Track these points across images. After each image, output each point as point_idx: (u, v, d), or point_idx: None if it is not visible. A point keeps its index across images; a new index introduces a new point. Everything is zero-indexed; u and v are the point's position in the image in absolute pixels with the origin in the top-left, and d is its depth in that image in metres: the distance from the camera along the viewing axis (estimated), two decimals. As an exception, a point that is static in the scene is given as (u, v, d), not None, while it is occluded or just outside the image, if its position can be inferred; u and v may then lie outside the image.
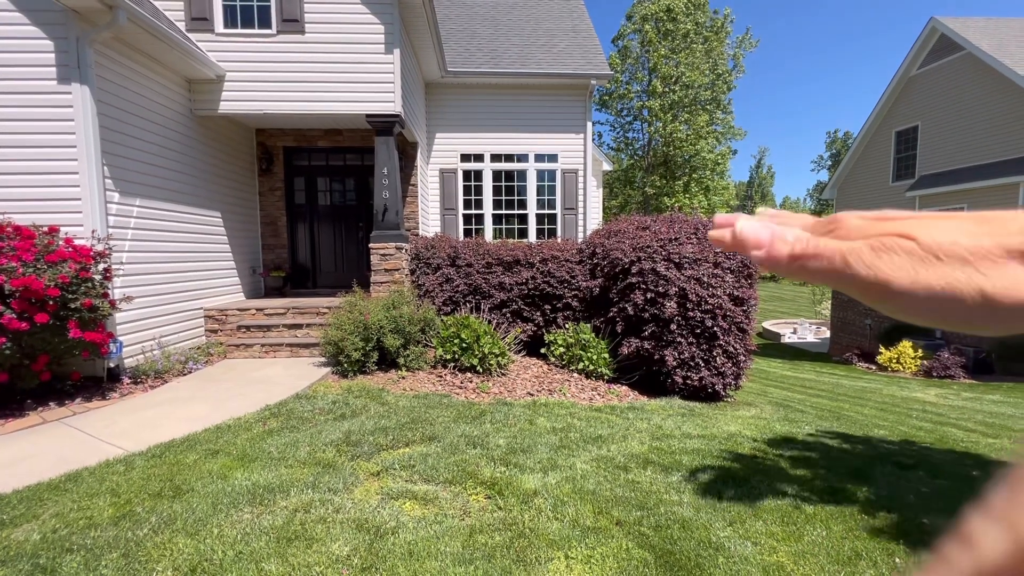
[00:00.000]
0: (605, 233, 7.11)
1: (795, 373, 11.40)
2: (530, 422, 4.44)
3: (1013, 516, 0.13)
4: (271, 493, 2.92)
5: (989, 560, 0.13)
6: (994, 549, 0.13)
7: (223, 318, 6.69)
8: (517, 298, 7.05)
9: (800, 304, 31.41)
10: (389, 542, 2.49)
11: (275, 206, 8.85)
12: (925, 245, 0.22)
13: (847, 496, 3.24)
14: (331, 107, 6.81)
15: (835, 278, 0.25)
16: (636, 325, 6.10)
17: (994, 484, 0.14)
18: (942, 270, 0.22)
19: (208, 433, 3.87)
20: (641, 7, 26.78)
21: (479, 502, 2.97)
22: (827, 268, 0.25)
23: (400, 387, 5.41)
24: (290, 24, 6.63)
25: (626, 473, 3.44)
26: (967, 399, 8.40)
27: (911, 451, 4.42)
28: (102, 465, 3.28)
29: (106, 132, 5.07)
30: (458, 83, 9.31)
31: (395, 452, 3.64)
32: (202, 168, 6.95)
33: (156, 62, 5.94)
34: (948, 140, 13.58)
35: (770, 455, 3.96)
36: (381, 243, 6.94)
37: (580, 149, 9.66)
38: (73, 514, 2.66)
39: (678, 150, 26.49)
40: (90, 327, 4.48)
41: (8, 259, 4.06)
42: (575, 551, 2.48)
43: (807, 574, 2.39)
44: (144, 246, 5.66)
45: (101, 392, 4.80)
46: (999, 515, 0.14)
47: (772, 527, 2.79)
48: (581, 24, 11.16)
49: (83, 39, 4.79)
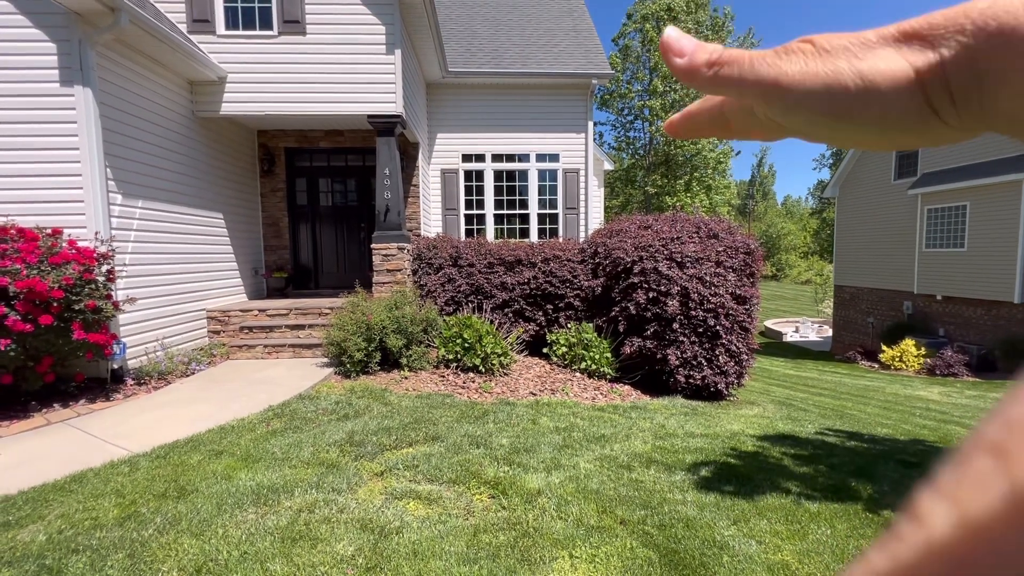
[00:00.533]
0: (607, 232, 7.11)
1: (798, 372, 11.39)
2: (533, 422, 4.44)
3: (959, 493, 0.14)
4: (275, 493, 2.93)
5: (937, 536, 0.14)
6: (942, 525, 0.14)
7: (226, 319, 6.70)
8: (519, 298, 7.05)
9: (802, 303, 31.36)
10: (393, 542, 2.50)
11: (277, 207, 8.86)
12: (819, 44, 0.25)
13: (851, 494, 3.24)
14: (332, 108, 6.81)
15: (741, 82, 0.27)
16: (638, 324, 6.10)
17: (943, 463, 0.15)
18: (829, 60, 0.24)
19: (212, 434, 3.88)
20: (642, 6, 26.77)
21: (483, 502, 2.97)
22: (736, 74, 0.27)
23: (403, 387, 5.41)
24: (291, 25, 6.64)
25: (629, 472, 3.44)
26: (971, 397, 8.38)
27: (915, 449, 4.41)
28: (107, 466, 3.29)
29: (108, 134, 5.08)
30: (459, 83, 9.31)
31: (398, 452, 3.64)
32: (204, 169, 6.97)
33: (158, 64, 5.95)
34: (950, 138, 13.52)
35: (773, 454, 3.96)
36: (383, 243, 6.95)
37: (581, 149, 9.66)
38: (78, 515, 2.67)
39: (679, 149, 26.47)
40: (94, 328, 4.49)
41: (12, 261, 4.07)
42: (579, 550, 2.48)
43: (812, 573, 2.38)
44: (147, 247, 5.67)
45: (105, 393, 4.81)
46: (946, 493, 0.14)
47: (776, 526, 2.79)
48: (582, 23, 11.16)
49: (85, 41, 4.80)
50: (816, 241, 48.97)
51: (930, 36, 0.22)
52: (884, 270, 15.79)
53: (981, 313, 12.42)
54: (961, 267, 13.02)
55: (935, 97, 0.23)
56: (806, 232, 52.10)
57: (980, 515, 0.13)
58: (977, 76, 0.21)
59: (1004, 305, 11.92)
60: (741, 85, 0.27)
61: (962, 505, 0.14)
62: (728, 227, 6.40)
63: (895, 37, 0.23)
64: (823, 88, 0.24)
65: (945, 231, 13.56)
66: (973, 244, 12.68)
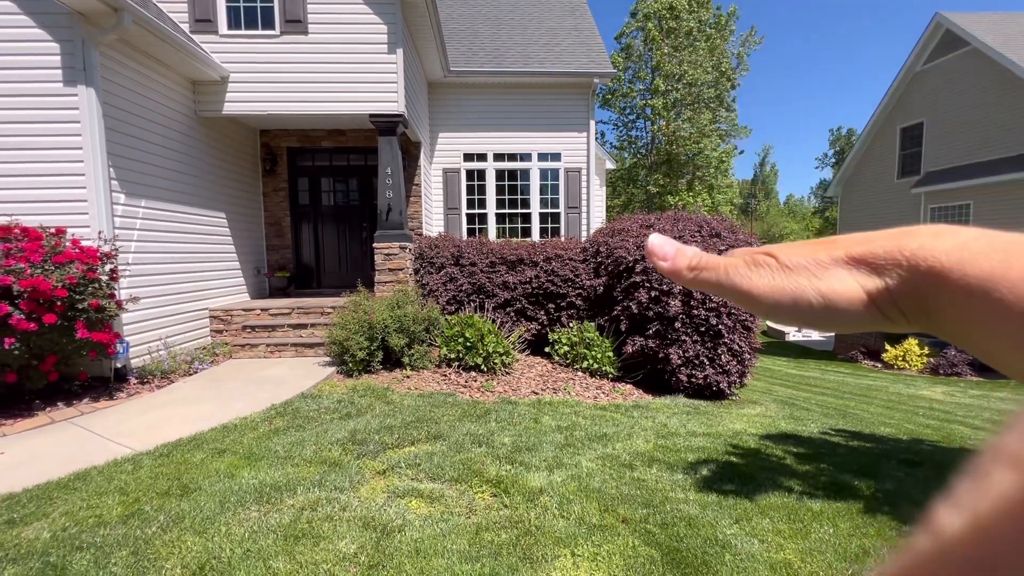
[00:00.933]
0: (609, 232, 7.10)
1: (800, 371, 11.36)
2: (535, 421, 4.44)
3: (979, 506, 0.14)
4: (278, 491, 2.94)
5: (957, 547, 0.14)
6: (961, 537, 0.14)
7: (228, 318, 6.72)
8: (521, 297, 7.05)
9: (805, 302, 31.20)
10: (396, 540, 2.50)
11: (279, 206, 8.87)
12: (781, 260, 0.28)
13: (854, 493, 3.23)
14: (334, 107, 6.82)
15: (720, 287, 0.30)
16: (640, 323, 6.10)
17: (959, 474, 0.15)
18: (792, 277, 0.28)
19: (215, 432, 3.89)
20: (644, 5, 26.70)
21: (485, 500, 2.97)
22: (715, 279, 0.30)
23: (405, 386, 5.42)
24: (293, 25, 6.65)
25: (631, 471, 3.44)
26: (974, 396, 8.35)
27: (918, 449, 4.40)
28: (110, 464, 3.30)
29: (112, 134, 5.10)
30: (461, 82, 9.31)
31: (401, 451, 3.65)
32: (206, 169, 6.99)
33: (161, 64, 5.97)
34: (954, 137, 13.48)
35: (776, 453, 3.95)
36: (385, 243, 6.96)
37: (583, 148, 9.65)
38: (82, 512, 2.69)
39: (681, 148, 26.41)
40: (97, 327, 4.51)
41: (16, 260, 4.09)
42: (581, 548, 2.48)
43: (814, 572, 2.38)
44: (150, 247, 5.69)
45: (108, 392, 4.83)
46: (965, 504, 0.14)
47: (779, 524, 2.78)
48: (584, 22, 11.14)
49: (89, 41, 4.82)
50: (819, 240, 48.65)
51: (875, 265, 0.25)
52: (887, 269, 15.70)
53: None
54: (964, 266, 12.94)
55: (887, 312, 0.26)
56: (809, 231, 51.94)
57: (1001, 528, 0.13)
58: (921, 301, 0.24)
59: (1008, 304, 11.84)
60: (719, 290, 0.31)
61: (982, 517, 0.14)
62: (730, 226, 6.39)
63: (846, 260, 0.26)
64: (791, 302, 0.28)
65: (948, 230, 13.48)
66: (976, 243, 12.60)
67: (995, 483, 0.14)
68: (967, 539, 0.14)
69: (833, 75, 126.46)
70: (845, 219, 18.15)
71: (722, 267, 0.30)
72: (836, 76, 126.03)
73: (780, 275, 0.28)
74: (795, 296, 0.27)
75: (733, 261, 0.30)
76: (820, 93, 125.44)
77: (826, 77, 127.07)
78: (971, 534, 0.14)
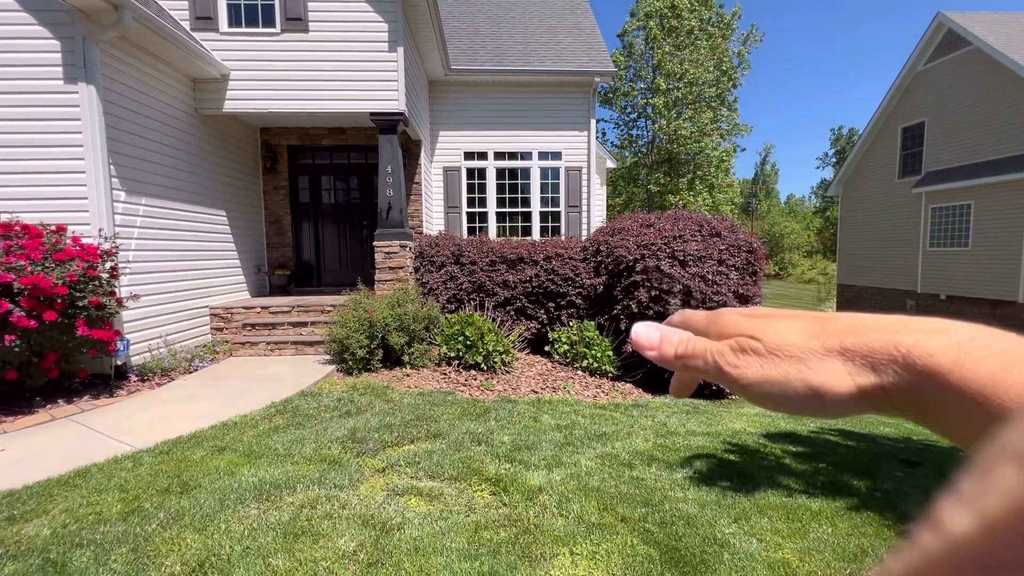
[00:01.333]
0: (609, 231, 7.10)
1: (800, 371, 11.36)
2: (534, 419, 4.44)
3: (983, 502, 0.14)
4: (277, 489, 2.94)
5: (959, 543, 0.14)
6: (965, 532, 0.14)
7: (228, 316, 6.72)
8: (521, 296, 7.05)
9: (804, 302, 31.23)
10: (395, 538, 2.51)
11: (279, 205, 8.87)
12: (768, 346, 0.28)
13: (852, 493, 3.23)
14: (335, 106, 6.82)
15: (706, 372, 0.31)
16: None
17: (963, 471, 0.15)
18: (780, 366, 0.27)
19: (215, 430, 3.90)
20: (645, 3, 26.64)
21: (484, 498, 2.98)
22: (702, 366, 0.31)
23: (405, 384, 5.43)
24: (294, 23, 6.65)
25: (630, 470, 3.44)
26: (974, 397, 8.34)
27: (916, 448, 4.40)
28: (110, 461, 3.31)
29: (112, 131, 5.09)
30: (462, 81, 9.30)
31: (400, 449, 3.65)
32: (207, 167, 6.98)
33: (161, 61, 5.96)
34: (955, 136, 13.46)
35: (775, 452, 3.96)
36: (385, 241, 6.96)
37: (584, 147, 9.64)
38: (82, 509, 2.69)
39: (682, 147, 26.38)
40: (97, 325, 4.52)
41: (17, 258, 4.09)
42: (580, 547, 2.49)
43: (813, 571, 2.39)
44: (150, 244, 5.69)
45: (109, 389, 4.84)
46: (969, 501, 0.14)
47: (777, 524, 2.79)
48: (585, 21, 11.13)
49: (89, 39, 4.81)
50: (819, 240, 48.79)
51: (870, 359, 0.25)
52: (888, 269, 15.74)
53: (985, 312, 12.37)
54: (965, 266, 12.97)
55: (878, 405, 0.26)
56: (809, 231, 51.91)
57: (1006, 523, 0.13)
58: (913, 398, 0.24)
59: (1008, 304, 11.87)
60: (706, 376, 0.31)
61: (986, 513, 0.14)
62: (731, 225, 6.38)
63: (839, 351, 0.26)
64: (779, 393, 0.28)
65: (949, 230, 13.49)
66: (977, 243, 12.62)
67: (1000, 479, 0.14)
68: (974, 537, 0.14)
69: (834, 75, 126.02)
70: (846, 219, 18.14)
71: (709, 354, 0.30)
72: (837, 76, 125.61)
73: (768, 363, 0.28)
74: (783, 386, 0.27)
75: (719, 347, 0.30)
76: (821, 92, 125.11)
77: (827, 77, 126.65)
78: (978, 532, 0.14)
